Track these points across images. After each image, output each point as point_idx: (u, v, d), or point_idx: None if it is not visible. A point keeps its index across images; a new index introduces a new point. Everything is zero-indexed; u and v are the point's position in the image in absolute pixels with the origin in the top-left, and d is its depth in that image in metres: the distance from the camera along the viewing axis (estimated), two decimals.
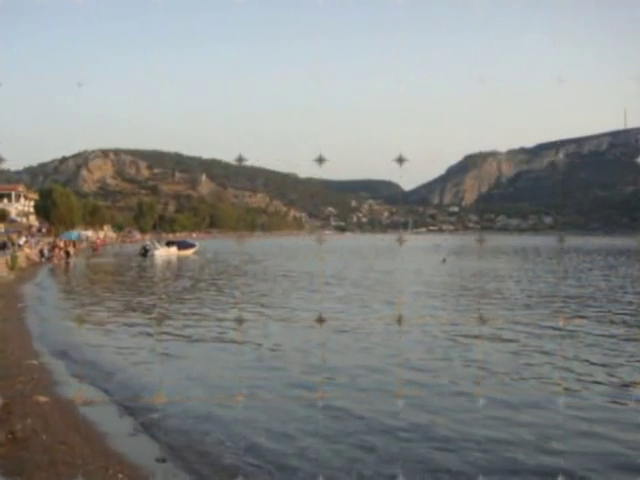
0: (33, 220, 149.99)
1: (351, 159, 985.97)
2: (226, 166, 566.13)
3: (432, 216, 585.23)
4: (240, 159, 6.92)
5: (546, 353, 20.59)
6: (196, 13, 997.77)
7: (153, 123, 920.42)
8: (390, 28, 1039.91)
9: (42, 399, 13.84)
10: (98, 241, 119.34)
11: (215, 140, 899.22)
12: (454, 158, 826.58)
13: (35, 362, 18.17)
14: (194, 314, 30.43)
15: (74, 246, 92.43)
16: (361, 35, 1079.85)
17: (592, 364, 19.02)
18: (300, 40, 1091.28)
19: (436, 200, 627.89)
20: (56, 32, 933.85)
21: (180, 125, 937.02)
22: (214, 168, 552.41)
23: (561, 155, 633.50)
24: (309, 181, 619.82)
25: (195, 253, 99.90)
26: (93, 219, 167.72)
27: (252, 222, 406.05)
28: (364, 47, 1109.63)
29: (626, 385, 16.57)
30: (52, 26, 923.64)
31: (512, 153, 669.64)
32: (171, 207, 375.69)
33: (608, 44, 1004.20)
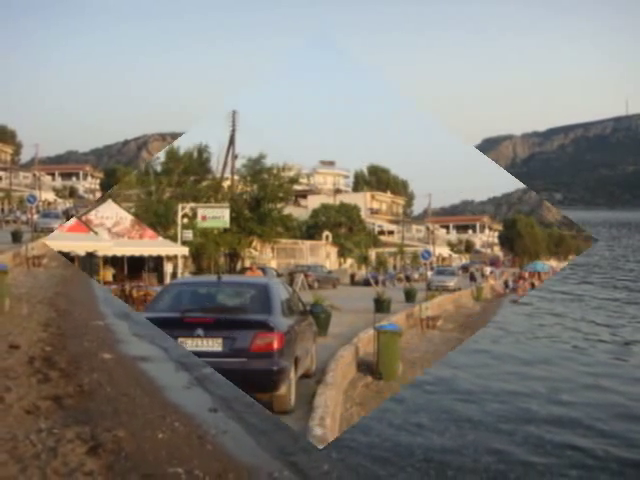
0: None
1: None
2: None
3: None
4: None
5: (557, 315, 20.43)
6: (240, 11, 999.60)
7: (205, 110, 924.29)
8: (417, 24, 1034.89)
9: (107, 356, 13.90)
10: None
11: None
12: (474, 141, 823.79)
13: (101, 323, 18.28)
14: None
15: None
16: (392, 32, 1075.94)
17: (597, 325, 18.88)
18: (332, 35, 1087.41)
19: None
20: (124, 31, 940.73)
21: None
22: None
23: (569, 138, 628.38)
24: None
25: None
26: None
27: None
28: (392, 42, 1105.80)
29: (628, 343, 16.42)
30: (122, 23, 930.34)
31: (526, 136, 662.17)
32: None
33: (611, 40, 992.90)
